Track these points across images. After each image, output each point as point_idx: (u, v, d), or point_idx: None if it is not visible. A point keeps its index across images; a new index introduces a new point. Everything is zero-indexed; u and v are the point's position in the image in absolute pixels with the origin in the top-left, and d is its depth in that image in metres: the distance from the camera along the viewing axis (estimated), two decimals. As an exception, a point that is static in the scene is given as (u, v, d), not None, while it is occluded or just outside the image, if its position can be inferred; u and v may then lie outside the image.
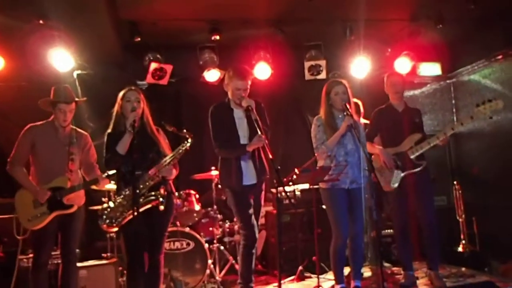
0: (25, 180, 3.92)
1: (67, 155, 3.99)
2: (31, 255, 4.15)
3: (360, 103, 4.99)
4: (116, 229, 3.67)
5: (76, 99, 4.09)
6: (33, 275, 3.92)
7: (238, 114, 3.97)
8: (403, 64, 5.71)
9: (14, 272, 4.29)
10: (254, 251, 3.97)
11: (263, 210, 5.07)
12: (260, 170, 3.97)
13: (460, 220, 5.31)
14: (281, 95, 6.15)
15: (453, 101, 6.33)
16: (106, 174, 3.89)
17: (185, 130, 3.63)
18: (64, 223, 3.95)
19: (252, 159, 3.94)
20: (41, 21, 4.58)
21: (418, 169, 4.30)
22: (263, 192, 4.12)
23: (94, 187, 4.10)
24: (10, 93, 5.35)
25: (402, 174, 4.32)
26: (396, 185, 4.33)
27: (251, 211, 3.94)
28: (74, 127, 4.16)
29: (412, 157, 4.30)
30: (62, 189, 3.90)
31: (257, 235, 3.95)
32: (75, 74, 5.41)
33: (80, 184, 4.03)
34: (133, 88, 3.76)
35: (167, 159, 3.60)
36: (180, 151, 3.62)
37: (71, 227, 3.98)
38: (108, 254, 4.82)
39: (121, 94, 3.70)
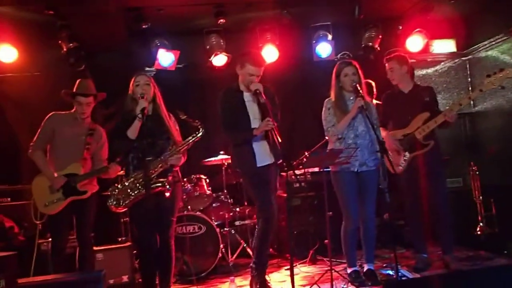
0: (44, 165, 4.07)
1: (84, 144, 4.12)
2: (50, 239, 4.30)
3: (373, 83, 4.91)
4: (123, 210, 3.77)
5: (95, 93, 4.19)
6: (52, 259, 4.13)
7: (248, 97, 3.94)
8: (415, 42, 5.56)
9: (34, 256, 4.39)
10: (272, 232, 3.95)
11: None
12: (275, 151, 3.92)
13: (477, 201, 5.20)
14: (289, 78, 6.07)
15: (469, 79, 6.12)
16: (118, 160, 3.96)
17: (197, 121, 3.67)
18: (78, 209, 4.08)
19: (266, 140, 3.90)
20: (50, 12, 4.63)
21: (425, 149, 4.20)
22: (277, 175, 4.09)
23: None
24: (23, 84, 5.43)
25: (409, 156, 4.24)
26: (402, 167, 4.25)
27: (269, 192, 3.91)
28: (94, 122, 4.28)
29: (419, 137, 4.20)
30: (76, 176, 4.02)
31: (275, 216, 3.92)
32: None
33: (91, 172, 4.11)
34: (142, 72, 3.83)
35: (179, 148, 3.64)
36: (191, 141, 3.66)
37: (84, 212, 4.12)
38: (123, 238, 4.93)
39: (132, 79, 3.74)
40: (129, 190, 3.60)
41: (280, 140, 3.53)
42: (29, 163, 4.17)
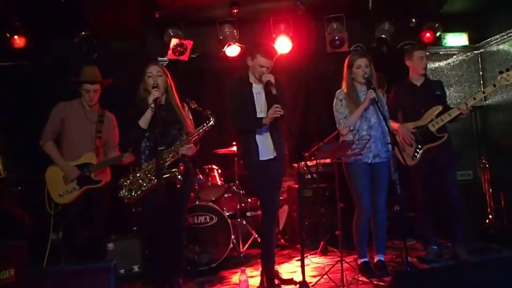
0: (56, 156, 4.08)
1: (95, 133, 4.12)
2: (61, 229, 4.31)
3: (384, 76, 4.90)
4: (135, 201, 3.74)
5: (101, 79, 4.16)
6: (66, 249, 4.12)
7: (257, 89, 3.93)
8: (427, 35, 5.55)
9: (47, 247, 4.38)
10: (274, 226, 3.97)
11: (284, 185, 5.10)
12: (278, 145, 3.93)
13: (487, 194, 5.22)
14: (302, 69, 6.08)
15: (481, 73, 6.13)
16: (130, 150, 3.96)
17: (208, 110, 3.65)
18: (92, 200, 4.09)
19: (270, 134, 3.91)
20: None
21: (439, 142, 4.23)
22: (283, 168, 4.11)
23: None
24: (34, 71, 5.44)
25: (422, 148, 4.26)
26: (416, 159, 4.27)
27: (270, 186, 3.91)
28: (102, 107, 4.26)
29: (432, 130, 4.23)
30: (91, 165, 4.04)
31: (277, 211, 3.95)
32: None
33: (105, 161, 4.14)
34: (155, 63, 3.80)
35: (189, 137, 3.63)
36: (201, 130, 3.65)
37: (98, 203, 4.12)
38: (134, 228, 4.94)
39: (144, 69, 3.72)
40: (140, 181, 3.59)
41: (292, 131, 3.55)
42: (40, 153, 4.15)
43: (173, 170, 3.55)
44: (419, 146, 4.29)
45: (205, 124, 3.65)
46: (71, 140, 4.10)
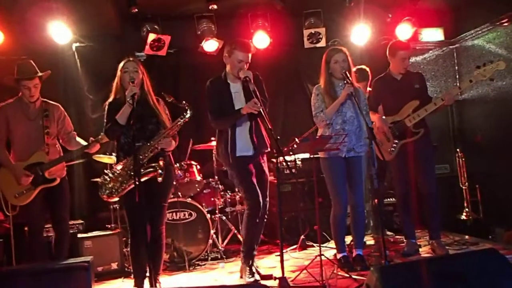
0: (5, 160, 3.97)
1: (42, 129, 4.01)
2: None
3: (368, 69, 4.91)
4: (116, 199, 3.70)
5: (39, 74, 4.03)
6: (29, 246, 4.03)
7: (235, 88, 3.92)
8: (404, 30, 5.59)
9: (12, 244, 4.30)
10: (258, 220, 3.94)
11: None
12: (258, 142, 3.92)
13: (463, 188, 5.30)
14: (280, 64, 6.08)
15: (456, 67, 6.20)
16: (100, 136, 3.91)
17: (184, 102, 3.62)
18: (51, 195, 4.01)
19: (249, 131, 3.90)
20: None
21: (415, 137, 4.25)
22: (264, 164, 4.09)
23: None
24: (10, 67, 5.30)
25: (399, 143, 4.29)
26: (392, 154, 4.30)
27: (253, 179, 3.89)
28: (45, 100, 4.14)
29: (409, 125, 4.25)
30: (42, 164, 3.94)
31: (261, 204, 3.92)
32: (73, 46, 5.37)
33: (59, 158, 4.06)
34: (131, 58, 3.74)
35: (167, 131, 3.59)
36: (179, 123, 3.62)
37: (58, 197, 4.05)
38: (112, 224, 4.88)
39: (120, 65, 3.68)
40: (120, 178, 3.53)
41: (270, 127, 3.55)
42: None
43: (153, 165, 3.51)
44: (396, 141, 4.32)
45: (182, 116, 3.62)
46: (19, 141, 4.00)
